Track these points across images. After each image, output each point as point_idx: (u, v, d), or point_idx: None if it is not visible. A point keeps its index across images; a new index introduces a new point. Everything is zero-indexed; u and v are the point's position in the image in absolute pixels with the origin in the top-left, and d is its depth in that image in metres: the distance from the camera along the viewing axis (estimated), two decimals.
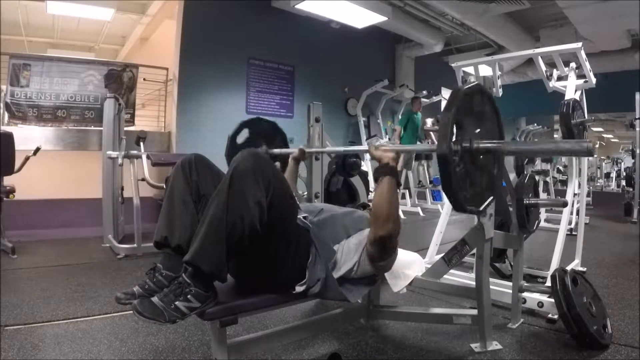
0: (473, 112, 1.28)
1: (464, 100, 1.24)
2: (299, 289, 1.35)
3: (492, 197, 1.37)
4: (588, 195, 6.32)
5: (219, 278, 1.21)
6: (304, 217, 1.41)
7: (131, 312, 1.19)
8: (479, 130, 1.28)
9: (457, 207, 1.26)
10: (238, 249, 1.20)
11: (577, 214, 3.23)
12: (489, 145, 1.27)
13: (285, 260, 1.32)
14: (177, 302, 1.16)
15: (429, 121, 7.44)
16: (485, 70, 3.33)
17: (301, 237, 1.36)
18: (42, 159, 3.64)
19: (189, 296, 1.17)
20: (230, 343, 1.32)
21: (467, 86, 1.27)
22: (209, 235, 1.17)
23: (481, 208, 1.32)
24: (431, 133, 7.00)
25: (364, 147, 1.57)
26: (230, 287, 1.41)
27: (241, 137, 2.11)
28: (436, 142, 1.18)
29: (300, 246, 1.35)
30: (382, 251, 1.37)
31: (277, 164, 2.16)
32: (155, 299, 1.18)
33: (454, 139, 1.18)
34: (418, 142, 6.69)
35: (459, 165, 1.21)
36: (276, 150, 2.13)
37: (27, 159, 3.46)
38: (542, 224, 4.44)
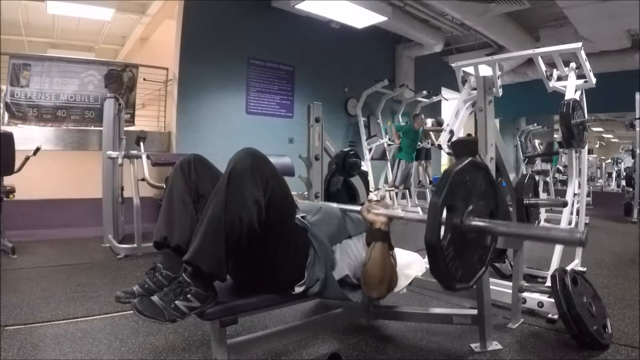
0: (466, 189, 1.24)
1: (455, 180, 1.19)
2: (298, 289, 1.34)
3: (484, 270, 1.35)
4: (588, 195, 6.31)
5: (219, 278, 1.21)
6: (302, 217, 1.41)
7: (131, 312, 1.19)
8: (471, 207, 1.24)
9: (448, 289, 1.25)
10: (237, 249, 1.20)
11: (577, 213, 3.23)
12: (480, 224, 1.23)
13: (284, 260, 1.32)
14: (177, 302, 1.16)
15: (429, 121, 7.46)
16: (485, 70, 3.33)
17: (300, 237, 1.36)
18: (42, 159, 3.64)
19: (188, 295, 1.17)
20: (230, 343, 1.32)
21: (459, 165, 1.22)
22: (208, 234, 1.17)
23: (471, 283, 1.31)
24: (431, 133, 7.01)
25: (357, 207, 1.55)
26: (230, 287, 1.41)
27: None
28: (436, 143, 1.17)
29: (299, 246, 1.35)
30: (377, 299, 1.42)
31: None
32: (155, 298, 1.18)
33: (443, 220, 1.15)
34: (419, 144, 6.71)
35: (448, 249, 1.18)
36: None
37: (27, 159, 3.46)
38: (542, 224, 4.44)
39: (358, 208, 1.59)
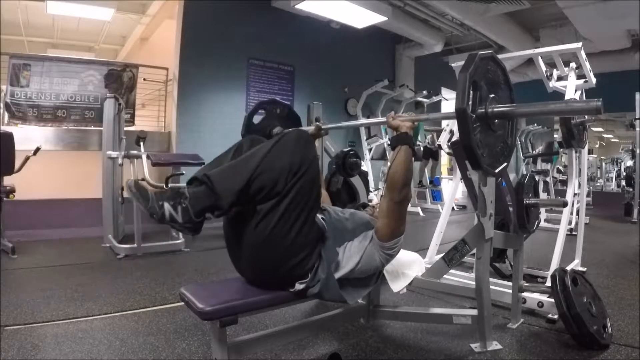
0: (487, 78, 1.34)
1: (479, 65, 1.29)
2: (298, 286, 1.34)
3: (505, 164, 1.42)
4: (588, 195, 6.32)
5: (220, 208, 1.22)
6: (322, 218, 1.43)
7: (131, 312, 1.19)
8: (492, 96, 1.34)
9: (474, 163, 1.31)
10: (246, 203, 1.24)
11: (577, 214, 3.23)
12: (503, 109, 1.33)
13: (297, 250, 1.31)
14: (166, 202, 1.18)
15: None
16: None
17: (316, 234, 1.36)
18: (42, 159, 3.64)
19: (178, 206, 1.18)
20: (230, 343, 1.32)
21: (483, 53, 1.34)
22: (237, 168, 1.25)
23: (496, 170, 1.38)
24: (434, 134, 7.01)
25: (382, 119, 1.63)
26: (230, 287, 1.41)
27: (257, 118, 2.11)
28: (437, 142, 1.21)
29: (312, 243, 1.34)
30: (397, 222, 1.41)
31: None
32: (152, 191, 1.21)
33: (470, 104, 1.25)
34: (418, 143, 6.70)
35: (476, 123, 1.27)
36: (277, 135, 2.12)
37: (27, 159, 3.46)
38: (542, 224, 4.44)
39: (357, 211, 1.61)
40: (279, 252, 1.29)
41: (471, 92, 1.26)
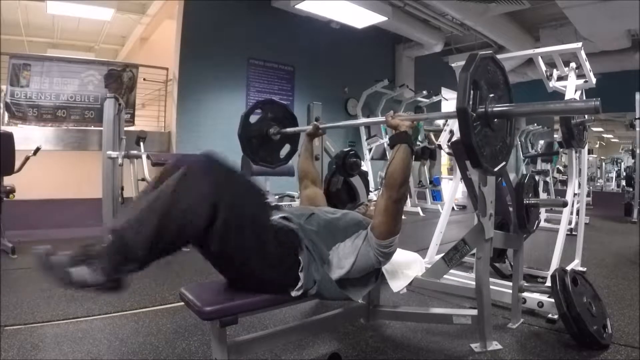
0: (487, 78, 1.35)
1: (480, 64, 1.30)
2: (295, 293, 1.33)
3: (504, 163, 1.44)
4: (588, 195, 6.32)
5: (134, 265, 1.11)
6: (285, 217, 1.39)
7: (131, 312, 1.18)
8: (492, 95, 1.35)
9: (474, 161, 1.31)
10: (168, 247, 1.15)
11: (577, 214, 3.23)
12: (502, 108, 1.34)
13: (269, 263, 1.28)
14: (72, 268, 1.08)
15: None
16: None
17: (283, 239, 1.32)
18: (42, 159, 3.64)
19: (87, 268, 1.08)
20: (230, 343, 1.32)
21: (483, 53, 1.35)
22: (150, 212, 1.11)
23: (496, 169, 1.39)
24: (431, 134, 7.01)
25: (381, 118, 1.62)
26: (230, 287, 1.41)
27: (253, 118, 2.12)
28: (436, 143, 1.21)
29: (284, 248, 1.32)
30: (394, 220, 1.40)
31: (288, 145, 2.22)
32: (56, 257, 1.10)
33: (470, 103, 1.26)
34: (419, 142, 6.70)
35: (476, 122, 1.28)
36: (289, 129, 2.14)
37: (27, 159, 3.46)
38: (542, 224, 4.44)
39: (349, 211, 1.61)
40: (255, 272, 1.29)
41: (471, 91, 1.26)
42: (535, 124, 7.75)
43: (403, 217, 1.48)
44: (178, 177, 1.16)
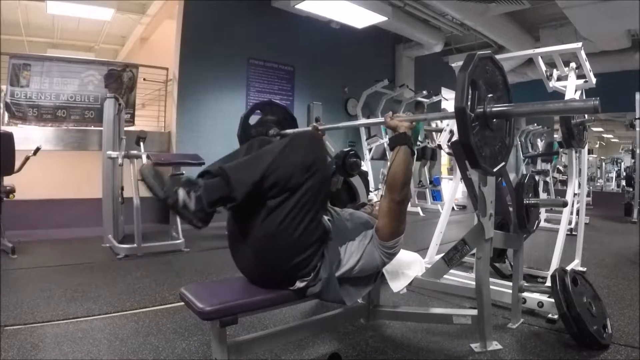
0: (486, 78, 1.36)
1: (478, 64, 1.31)
2: (299, 284, 1.34)
3: (503, 163, 1.44)
4: (588, 195, 6.32)
5: (232, 199, 1.24)
6: (329, 220, 1.44)
7: (131, 312, 1.19)
8: (491, 95, 1.36)
9: (473, 161, 1.31)
10: (261, 193, 1.26)
11: (577, 214, 3.23)
12: (501, 108, 1.34)
13: (301, 248, 1.31)
14: (180, 189, 1.19)
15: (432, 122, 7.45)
16: None
17: (322, 233, 1.36)
18: (42, 159, 3.64)
19: (192, 194, 1.19)
20: (230, 343, 1.32)
21: (482, 53, 1.36)
22: (250, 163, 1.28)
23: (494, 169, 1.39)
24: (433, 134, 7.01)
25: (381, 119, 1.63)
26: (230, 287, 1.41)
27: (253, 120, 2.12)
28: (437, 142, 1.22)
29: (317, 242, 1.35)
30: (397, 222, 1.42)
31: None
32: (167, 176, 1.22)
33: (469, 103, 1.27)
34: (419, 143, 6.71)
35: (474, 122, 1.28)
36: (289, 131, 2.14)
37: (27, 159, 3.46)
38: (542, 224, 4.44)
39: (355, 210, 1.62)
40: (284, 248, 1.30)
41: (470, 91, 1.27)
42: (535, 124, 7.75)
43: (405, 217, 1.49)
44: (287, 139, 1.35)
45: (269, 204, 1.27)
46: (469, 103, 1.25)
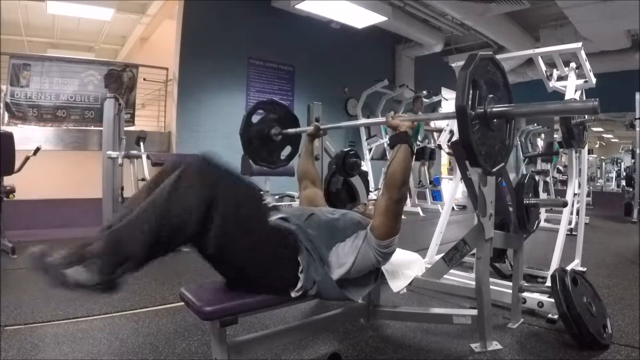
0: (487, 79, 1.36)
1: (479, 64, 1.31)
2: (295, 294, 1.33)
3: (503, 164, 1.45)
4: (588, 195, 6.32)
5: (133, 266, 1.11)
6: (283, 218, 1.38)
7: (131, 312, 1.18)
8: (491, 96, 1.36)
9: (473, 160, 1.31)
10: (162, 249, 1.17)
11: (577, 214, 3.23)
12: (501, 109, 1.35)
13: (270, 265, 1.29)
14: (68, 269, 1.06)
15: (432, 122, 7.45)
16: None
17: (283, 239, 1.32)
18: (42, 159, 3.64)
19: (83, 269, 1.07)
20: (230, 343, 1.32)
21: (483, 53, 1.36)
22: (145, 215, 1.13)
23: (494, 169, 1.39)
24: (434, 133, 7.01)
25: (382, 119, 1.63)
26: (230, 287, 1.41)
27: (255, 118, 2.12)
28: (437, 142, 1.21)
29: (285, 249, 1.32)
30: (394, 221, 1.40)
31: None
32: (51, 258, 1.08)
33: (469, 102, 1.27)
34: (418, 143, 6.70)
35: (475, 120, 1.29)
36: (290, 130, 2.14)
37: (27, 159, 3.46)
38: (542, 224, 4.44)
39: (348, 211, 1.62)
40: (256, 276, 1.30)
41: (471, 91, 1.27)
42: (535, 124, 7.76)
43: (403, 217, 1.49)
44: (174, 178, 1.17)
45: (207, 249, 1.23)
46: (469, 102, 1.25)
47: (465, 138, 1.25)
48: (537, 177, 4.94)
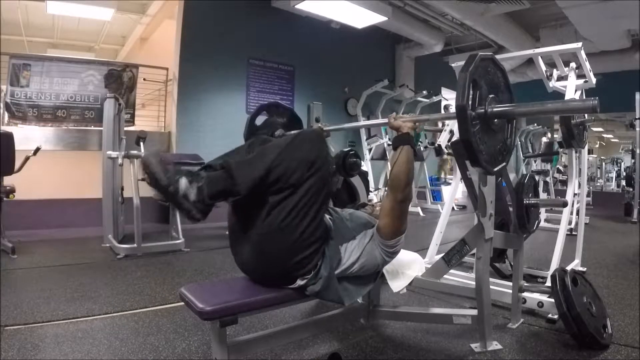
0: (487, 79, 1.36)
1: (479, 65, 1.31)
2: (300, 282, 1.35)
3: (504, 163, 1.45)
4: (588, 195, 6.32)
5: (234, 192, 1.25)
6: (330, 218, 1.45)
7: (131, 312, 1.19)
8: (492, 96, 1.36)
9: (473, 159, 1.32)
10: (264, 188, 1.27)
11: (577, 214, 3.23)
12: (502, 109, 1.35)
13: (303, 246, 1.31)
14: (182, 179, 1.19)
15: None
16: None
17: (323, 231, 1.37)
18: (42, 159, 3.64)
19: (194, 184, 1.20)
20: (230, 343, 1.32)
21: (483, 54, 1.37)
22: (256, 159, 1.29)
23: (495, 169, 1.40)
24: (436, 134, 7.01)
25: (384, 120, 1.65)
26: (230, 286, 1.41)
27: (259, 120, 2.12)
28: (438, 141, 1.22)
29: (319, 239, 1.35)
30: (399, 221, 1.43)
31: None
32: (170, 167, 1.22)
33: (469, 102, 1.27)
34: (419, 143, 6.70)
35: (475, 120, 1.29)
36: (294, 132, 2.13)
37: (27, 159, 3.46)
38: (542, 224, 4.44)
39: (355, 211, 1.63)
40: (286, 246, 1.30)
41: (471, 91, 1.27)
42: (535, 124, 7.76)
43: (407, 216, 1.49)
44: (291, 137, 1.36)
45: (272, 201, 1.27)
46: (469, 102, 1.25)
47: (465, 137, 1.25)
48: (537, 177, 4.94)
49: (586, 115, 2.65)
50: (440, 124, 6.19)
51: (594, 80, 2.63)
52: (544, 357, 1.68)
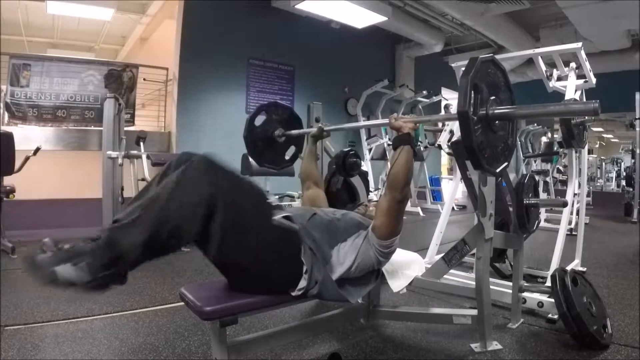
0: (488, 81, 1.37)
1: (480, 68, 1.32)
2: (296, 293, 1.34)
3: (506, 164, 1.46)
4: (588, 195, 6.32)
5: (126, 266, 1.10)
6: (286, 217, 1.37)
7: (131, 312, 1.18)
8: (493, 98, 1.37)
9: (476, 163, 1.33)
10: (161, 247, 1.14)
11: (577, 214, 3.23)
12: (503, 111, 1.36)
13: (272, 264, 1.29)
14: (58, 266, 1.04)
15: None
16: None
17: (285, 239, 1.32)
18: (42, 159, 3.64)
19: (74, 267, 1.05)
20: (230, 343, 1.32)
21: (483, 56, 1.37)
22: (147, 214, 1.11)
23: (497, 170, 1.41)
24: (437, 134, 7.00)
25: (385, 120, 1.64)
26: (230, 287, 1.41)
27: (259, 120, 2.12)
28: (438, 141, 1.22)
29: (287, 248, 1.32)
30: (395, 221, 1.41)
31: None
32: (40, 257, 1.07)
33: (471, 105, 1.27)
34: (419, 143, 6.70)
35: (477, 124, 1.29)
36: (294, 132, 2.14)
37: (27, 159, 3.46)
38: (542, 224, 4.44)
39: (348, 212, 1.62)
40: (256, 272, 1.29)
41: (472, 95, 1.27)
42: (535, 124, 7.76)
43: (403, 217, 1.49)
44: (176, 177, 1.15)
45: (209, 249, 1.21)
46: (471, 107, 1.25)
47: (468, 142, 1.25)
48: (537, 177, 4.94)
49: (586, 116, 2.65)
50: (440, 124, 6.23)
51: (594, 80, 2.63)
52: (544, 357, 1.68)
